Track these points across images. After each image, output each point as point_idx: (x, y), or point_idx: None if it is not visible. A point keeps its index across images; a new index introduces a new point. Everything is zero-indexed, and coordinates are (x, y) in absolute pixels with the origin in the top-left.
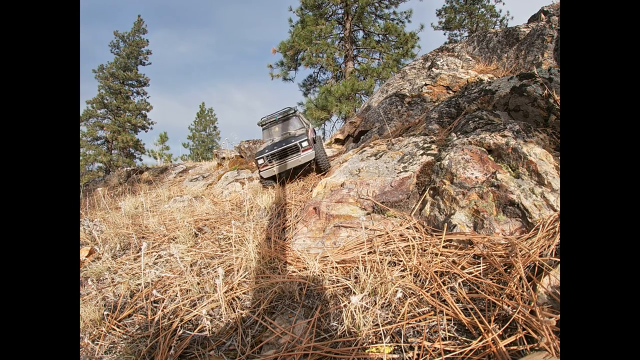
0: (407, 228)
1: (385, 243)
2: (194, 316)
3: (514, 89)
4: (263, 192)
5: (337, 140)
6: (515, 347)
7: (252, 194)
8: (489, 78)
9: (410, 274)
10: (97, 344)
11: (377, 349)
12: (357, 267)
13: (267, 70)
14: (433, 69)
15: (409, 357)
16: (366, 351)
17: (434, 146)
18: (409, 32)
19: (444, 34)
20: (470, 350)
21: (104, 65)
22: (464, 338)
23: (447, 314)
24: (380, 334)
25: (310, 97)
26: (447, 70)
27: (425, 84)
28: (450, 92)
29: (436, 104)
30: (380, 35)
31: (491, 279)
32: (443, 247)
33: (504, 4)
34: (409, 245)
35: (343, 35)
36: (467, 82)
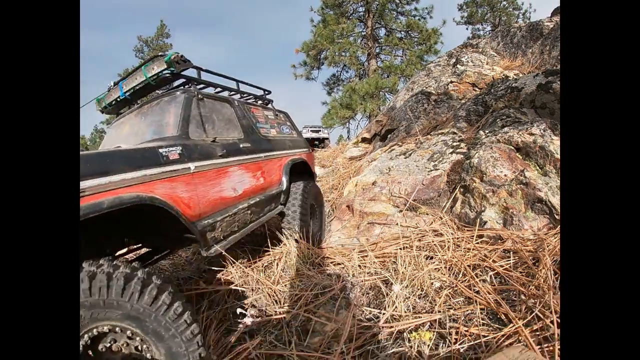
0: (440, 224)
1: (420, 239)
2: (240, 306)
3: (539, 86)
4: None
5: (364, 139)
6: (541, 333)
7: None
8: (514, 75)
9: (445, 267)
10: None
11: (418, 334)
12: (394, 261)
13: (289, 70)
14: (458, 65)
15: (449, 341)
16: (407, 337)
17: (462, 144)
18: (432, 28)
19: (467, 28)
20: (502, 335)
21: (129, 69)
22: (497, 325)
23: (480, 304)
24: (420, 321)
25: (335, 95)
26: (472, 67)
27: (451, 81)
28: (476, 89)
29: (463, 101)
30: (403, 32)
31: (520, 272)
32: (475, 242)
33: None
34: (443, 240)
35: (365, 33)
36: (493, 78)
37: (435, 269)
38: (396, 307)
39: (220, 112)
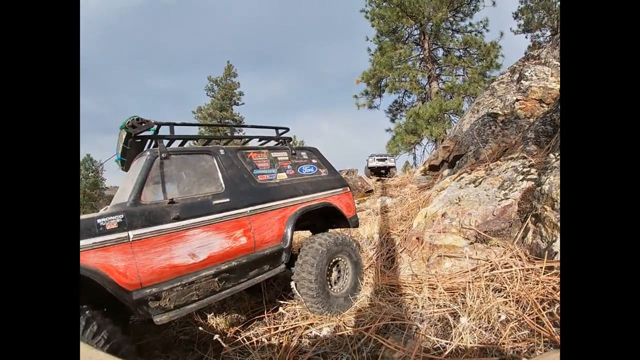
0: (510, 257)
1: (490, 271)
2: (317, 329)
3: None
4: (365, 221)
5: (431, 167)
6: None
7: None
8: None
9: (513, 300)
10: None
11: None
12: (463, 294)
13: (351, 100)
14: (522, 81)
15: None
16: None
17: (533, 170)
18: (490, 42)
19: (526, 37)
20: None
21: (202, 107)
22: None
23: (544, 336)
24: (485, 352)
25: (398, 121)
26: (536, 82)
27: (517, 100)
28: (544, 105)
29: (531, 120)
30: (461, 50)
31: None
32: (544, 274)
33: None
34: (512, 273)
35: (423, 56)
36: (559, 92)
37: (503, 302)
38: (462, 338)
39: (194, 166)
